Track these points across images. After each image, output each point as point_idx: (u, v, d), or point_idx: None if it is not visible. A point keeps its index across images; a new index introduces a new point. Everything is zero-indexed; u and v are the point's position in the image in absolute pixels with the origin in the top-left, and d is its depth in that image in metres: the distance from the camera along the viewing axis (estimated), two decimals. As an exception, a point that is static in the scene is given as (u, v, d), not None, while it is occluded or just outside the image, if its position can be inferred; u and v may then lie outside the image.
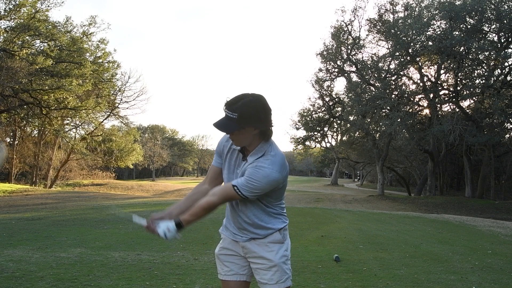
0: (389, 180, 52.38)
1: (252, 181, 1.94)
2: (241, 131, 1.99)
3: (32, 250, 5.44)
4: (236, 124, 1.96)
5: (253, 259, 2.11)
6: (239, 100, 1.96)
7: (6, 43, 20.96)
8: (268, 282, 2.06)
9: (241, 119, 1.96)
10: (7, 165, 29.36)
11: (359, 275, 4.64)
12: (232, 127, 1.98)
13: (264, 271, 2.07)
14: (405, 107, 26.51)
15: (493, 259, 5.83)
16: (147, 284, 3.99)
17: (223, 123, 1.99)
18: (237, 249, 2.17)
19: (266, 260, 2.07)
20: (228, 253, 2.21)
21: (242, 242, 2.12)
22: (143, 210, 11.37)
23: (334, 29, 30.06)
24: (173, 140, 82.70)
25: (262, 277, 2.08)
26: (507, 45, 23.92)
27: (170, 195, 27.69)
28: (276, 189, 2.02)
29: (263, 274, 2.08)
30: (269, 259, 2.07)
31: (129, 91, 38.71)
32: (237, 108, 1.95)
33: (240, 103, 1.95)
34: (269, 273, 2.06)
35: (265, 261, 2.07)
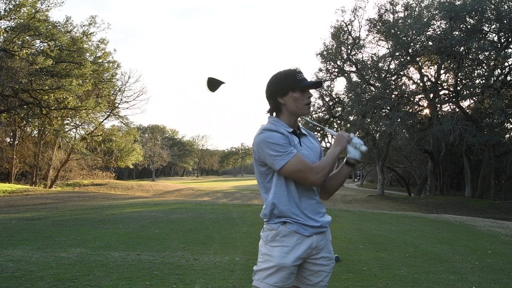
0: (389, 180, 52.39)
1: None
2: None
3: (32, 250, 5.44)
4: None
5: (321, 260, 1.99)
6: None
7: (6, 43, 20.94)
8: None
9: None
10: (7, 165, 29.37)
11: (359, 275, 4.64)
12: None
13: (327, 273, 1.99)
14: (405, 107, 26.51)
15: (493, 259, 5.83)
16: (147, 284, 3.99)
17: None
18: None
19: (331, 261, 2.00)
20: (298, 262, 1.94)
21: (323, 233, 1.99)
22: (143, 210, 11.37)
23: (334, 29, 30.07)
24: (173, 140, 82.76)
25: (324, 279, 1.98)
26: (507, 45, 23.92)
27: (170, 195, 27.68)
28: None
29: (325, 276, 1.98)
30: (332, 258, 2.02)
31: (129, 91, 38.82)
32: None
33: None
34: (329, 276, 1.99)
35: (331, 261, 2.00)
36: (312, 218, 1.94)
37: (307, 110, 1.95)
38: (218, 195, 29.93)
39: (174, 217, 9.72)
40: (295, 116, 1.98)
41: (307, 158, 1.93)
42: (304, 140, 2.02)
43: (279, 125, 1.97)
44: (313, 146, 2.02)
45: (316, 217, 1.95)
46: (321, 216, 1.98)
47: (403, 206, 23.03)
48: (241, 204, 15.17)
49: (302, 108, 1.95)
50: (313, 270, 1.96)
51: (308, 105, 1.95)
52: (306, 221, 1.93)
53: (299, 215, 1.93)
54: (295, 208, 1.93)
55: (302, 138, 2.01)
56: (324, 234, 1.99)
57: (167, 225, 8.27)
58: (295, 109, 1.95)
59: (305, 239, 1.93)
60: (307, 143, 2.02)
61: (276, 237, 1.94)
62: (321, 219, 1.97)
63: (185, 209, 11.65)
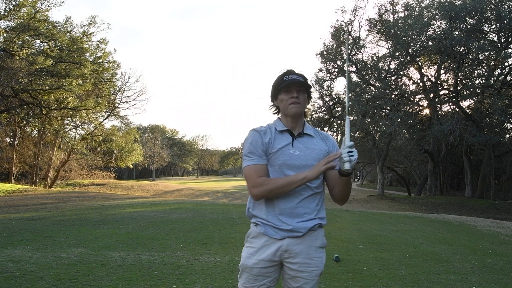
0: (389, 180, 52.38)
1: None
2: (305, 95, 1.99)
3: (32, 250, 5.44)
4: (307, 84, 1.99)
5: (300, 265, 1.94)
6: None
7: (6, 43, 20.94)
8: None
9: (307, 83, 1.99)
10: (7, 165, 29.37)
11: (359, 275, 4.65)
12: (307, 85, 1.98)
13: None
14: (405, 107, 26.51)
15: (493, 259, 5.83)
16: (147, 284, 3.99)
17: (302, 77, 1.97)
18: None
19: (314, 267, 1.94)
20: (266, 265, 1.93)
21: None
22: (143, 210, 11.37)
23: (334, 29, 30.08)
24: (173, 140, 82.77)
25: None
26: (507, 45, 23.92)
27: (170, 195, 27.68)
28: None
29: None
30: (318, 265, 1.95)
31: (129, 91, 38.83)
32: (301, 75, 1.98)
33: (296, 73, 1.99)
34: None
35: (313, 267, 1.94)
36: (285, 221, 1.89)
37: (291, 109, 1.95)
38: (218, 195, 29.95)
39: (174, 217, 9.72)
40: (288, 116, 1.98)
41: (295, 158, 1.92)
42: (303, 140, 1.98)
43: (273, 125, 2.01)
44: (313, 147, 1.97)
45: (291, 220, 1.89)
46: (301, 221, 1.90)
47: (403, 206, 23.02)
48: (241, 204, 15.18)
49: (287, 108, 1.96)
50: (290, 274, 1.93)
51: (292, 105, 1.94)
52: (278, 223, 1.90)
53: (272, 217, 1.91)
54: (269, 210, 1.92)
55: (300, 138, 1.98)
56: (301, 239, 1.91)
57: (167, 225, 8.27)
58: (283, 109, 1.99)
59: (274, 241, 1.90)
60: (306, 143, 1.97)
61: (248, 237, 2.00)
62: (297, 224, 1.89)
63: (185, 209, 11.65)
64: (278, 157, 1.93)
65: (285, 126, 1.99)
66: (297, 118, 1.99)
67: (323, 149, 1.98)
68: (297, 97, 1.94)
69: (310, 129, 2.03)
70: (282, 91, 1.96)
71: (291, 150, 1.94)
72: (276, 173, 1.93)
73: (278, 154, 1.94)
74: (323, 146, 2.00)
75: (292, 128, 1.99)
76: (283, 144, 1.95)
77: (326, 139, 2.04)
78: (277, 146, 1.94)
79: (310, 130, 2.02)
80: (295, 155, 1.93)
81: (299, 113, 1.96)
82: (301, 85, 1.96)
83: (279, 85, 1.96)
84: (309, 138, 2.00)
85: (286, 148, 1.94)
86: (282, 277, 1.98)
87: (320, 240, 1.97)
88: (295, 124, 1.99)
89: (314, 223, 1.93)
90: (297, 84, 1.94)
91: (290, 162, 1.92)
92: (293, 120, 1.98)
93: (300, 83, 1.94)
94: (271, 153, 1.94)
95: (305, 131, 2.00)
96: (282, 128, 1.99)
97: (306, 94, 1.99)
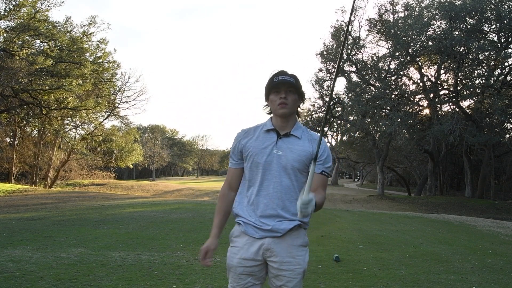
0: (389, 180, 52.40)
1: (328, 150, 1.99)
2: (295, 96, 1.99)
3: (32, 250, 5.44)
4: (297, 85, 1.99)
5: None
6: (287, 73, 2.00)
7: (6, 43, 20.95)
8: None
9: (298, 84, 1.99)
10: (7, 165, 29.37)
11: (359, 275, 4.65)
12: (297, 85, 1.98)
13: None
14: (405, 107, 26.51)
15: (493, 259, 5.83)
16: (147, 284, 3.99)
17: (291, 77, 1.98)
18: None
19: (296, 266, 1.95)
20: (250, 264, 1.96)
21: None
22: (143, 210, 11.37)
23: (334, 29, 30.09)
24: (173, 140, 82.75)
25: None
26: (507, 45, 23.92)
27: (170, 195, 27.69)
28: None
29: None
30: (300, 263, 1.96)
31: (129, 91, 38.73)
32: (292, 75, 1.98)
33: (290, 73, 2.00)
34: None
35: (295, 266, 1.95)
36: (264, 221, 1.92)
37: (279, 110, 1.95)
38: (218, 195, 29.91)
39: (174, 217, 9.72)
40: (278, 117, 1.99)
41: (276, 158, 1.94)
42: (288, 140, 1.97)
43: (263, 124, 2.04)
44: (296, 149, 1.96)
45: (271, 221, 1.92)
46: (280, 221, 1.92)
47: (403, 206, 23.02)
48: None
49: (276, 108, 1.97)
50: (273, 273, 1.95)
51: (280, 105, 1.95)
52: (258, 223, 1.93)
53: (252, 217, 1.95)
54: (250, 210, 1.96)
55: (286, 138, 1.97)
56: (281, 239, 1.92)
57: (167, 225, 8.27)
58: (273, 110, 2.01)
59: (255, 240, 1.93)
60: (290, 144, 1.97)
61: (231, 237, 2.04)
62: (276, 223, 1.91)
63: (185, 209, 11.65)
64: (258, 157, 1.95)
65: (273, 125, 2.00)
66: (287, 118, 1.98)
67: (306, 151, 1.96)
68: (286, 97, 1.94)
69: (299, 131, 2.01)
70: (272, 92, 1.97)
71: (274, 150, 1.95)
72: (256, 172, 1.96)
73: (260, 154, 1.96)
74: (308, 148, 1.97)
75: (281, 127, 1.99)
76: (266, 144, 1.97)
77: (313, 141, 2.00)
78: (258, 146, 1.97)
79: (298, 131, 2.00)
80: (276, 155, 1.94)
81: (286, 113, 1.96)
82: (291, 85, 1.95)
83: (269, 86, 1.98)
84: (294, 139, 1.98)
85: (269, 148, 1.96)
86: (268, 276, 2.00)
87: (301, 239, 1.97)
88: (285, 124, 1.99)
89: (294, 224, 1.93)
90: (286, 85, 1.94)
91: (270, 162, 1.94)
92: (282, 120, 1.99)
93: (289, 84, 1.94)
94: (248, 153, 1.98)
95: (292, 132, 1.99)
96: (269, 127, 2.00)
97: (296, 95, 1.98)
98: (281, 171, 1.92)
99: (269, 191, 1.93)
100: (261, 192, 1.95)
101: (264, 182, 1.94)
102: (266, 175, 1.94)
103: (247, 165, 2.00)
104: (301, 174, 1.96)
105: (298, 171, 1.94)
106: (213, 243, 2.02)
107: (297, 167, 1.93)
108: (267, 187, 1.94)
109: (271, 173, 1.93)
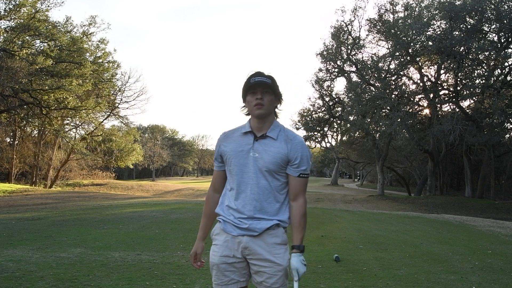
0: (389, 180, 52.39)
1: (305, 150, 2.01)
2: (272, 96, 2.00)
3: (32, 250, 5.44)
4: (274, 85, 1.99)
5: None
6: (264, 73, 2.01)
7: (6, 43, 20.95)
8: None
9: (274, 84, 1.99)
10: (7, 165, 29.37)
11: (359, 275, 4.64)
12: (274, 86, 1.99)
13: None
14: (405, 107, 26.50)
15: (493, 259, 5.83)
16: (147, 284, 3.99)
17: (267, 78, 1.99)
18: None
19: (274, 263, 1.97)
20: (231, 261, 2.00)
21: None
22: (143, 210, 11.38)
23: (334, 29, 30.05)
24: (173, 140, 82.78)
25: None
26: (507, 45, 23.91)
27: (170, 195, 27.69)
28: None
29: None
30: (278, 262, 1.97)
31: (129, 91, 38.85)
32: (269, 76, 1.99)
33: (266, 74, 2.01)
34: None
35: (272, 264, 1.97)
36: (242, 220, 1.97)
37: (255, 111, 1.96)
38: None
39: (174, 217, 9.72)
40: (254, 118, 2.00)
41: (252, 161, 1.97)
42: (264, 142, 1.98)
43: (241, 127, 2.06)
44: (271, 151, 1.96)
45: (248, 220, 1.96)
46: (258, 220, 1.96)
47: (403, 206, 23.01)
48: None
49: (252, 109, 1.98)
50: (254, 269, 1.99)
51: (256, 106, 1.95)
52: (236, 222, 1.98)
53: (231, 215, 2.00)
54: (230, 208, 2.01)
55: (262, 140, 1.98)
56: (258, 238, 1.95)
57: (167, 225, 8.27)
58: (250, 111, 2.01)
59: (234, 238, 1.98)
60: (266, 146, 1.98)
61: (212, 235, 2.09)
62: (254, 222, 1.95)
63: (185, 209, 11.65)
64: (235, 160, 1.99)
65: (251, 127, 2.02)
66: (263, 119, 1.99)
67: (281, 153, 1.97)
68: (262, 98, 1.95)
69: (275, 131, 2.01)
70: (249, 93, 1.98)
71: (251, 153, 1.98)
72: (234, 174, 2.00)
73: (236, 156, 1.99)
74: (283, 149, 1.97)
75: (258, 129, 2.01)
76: (243, 147, 1.99)
77: (289, 142, 2.00)
78: (236, 149, 2.00)
79: (274, 132, 2.00)
80: (253, 157, 1.97)
81: (263, 114, 1.97)
82: (267, 86, 1.96)
83: (246, 87, 1.99)
84: (270, 140, 1.99)
85: (245, 150, 1.99)
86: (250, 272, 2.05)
87: (280, 238, 1.99)
88: (261, 125, 2.00)
89: (271, 224, 1.96)
90: (262, 86, 1.95)
91: (247, 164, 1.97)
92: (259, 121, 2.00)
93: (265, 85, 1.95)
94: (226, 157, 2.03)
95: (268, 134, 1.99)
96: (246, 130, 2.02)
97: (273, 96, 1.99)
98: (258, 173, 1.96)
99: (247, 193, 1.97)
100: (239, 194, 1.99)
101: (242, 184, 1.98)
102: (244, 177, 1.98)
103: (227, 168, 2.05)
104: (277, 175, 1.99)
105: (274, 172, 1.97)
106: (199, 246, 2.13)
107: (272, 169, 1.96)
108: (245, 189, 1.97)
109: (248, 175, 1.97)
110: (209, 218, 2.14)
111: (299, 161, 1.97)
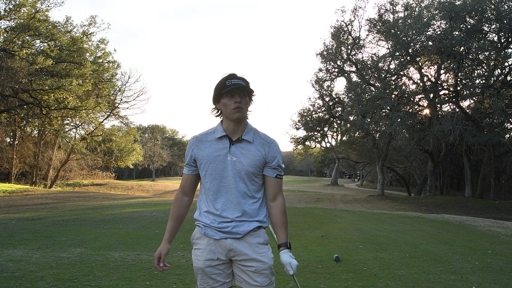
0: (389, 180, 52.38)
1: (280, 153, 2.04)
2: (247, 99, 2.00)
3: (32, 250, 5.44)
4: (249, 88, 1.99)
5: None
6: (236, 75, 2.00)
7: (6, 43, 20.95)
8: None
9: (249, 87, 1.99)
10: (7, 165, 29.36)
11: (359, 275, 4.64)
12: (249, 89, 1.98)
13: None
14: (405, 107, 26.47)
15: (493, 259, 5.83)
16: (147, 284, 3.99)
17: (243, 81, 1.98)
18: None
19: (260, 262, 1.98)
20: (215, 263, 2.01)
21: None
22: (143, 210, 11.38)
23: (334, 29, 30.04)
24: (173, 140, 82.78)
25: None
26: (507, 45, 23.90)
27: (170, 195, 27.68)
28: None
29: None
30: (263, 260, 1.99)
31: (129, 91, 38.85)
32: (244, 79, 1.98)
33: (240, 76, 2.00)
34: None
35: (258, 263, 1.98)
36: (224, 224, 1.97)
37: (234, 114, 1.95)
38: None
39: (174, 217, 9.70)
40: (231, 121, 1.99)
41: (231, 164, 1.97)
42: (241, 145, 1.99)
43: (213, 130, 2.04)
44: (250, 154, 1.98)
45: (229, 223, 1.97)
46: (240, 222, 1.97)
47: (403, 206, 23.00)
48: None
49: (231, 112, 1.96)
50: (239, 268, 2.00)
51: (235, 109, 1.95)
52: (217, 225, 1.98)
53: (214, 219, 2.00)
54: (210, 212, 2.02)
55: (239, 144, 1.99)
56: (241, 240, 1.97)
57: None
58: (226, 114, 1.99)
59: (216, 241, 1.99)
60: (243, 149, 1.99)
61: (193, 239, 2.11)
62: (236, 225, 1.97)
63: (185, 209, 11.62)
64: (212, 165, 1.98)
65: (225, 131, 2.00)
66: (239, 122, 2.00)
67: (259, 155, 1.99)
68: (240, 101, 1.95)
69: (250, 134, 2.02)
70: (225, 95, 1.97)
71: (228, 157, 1.98)
72: (212, 179, 1.99)
73: (214, 161, 1.98)
74: (260, 152, 2.00)
75: (232, 132, 2.00)
76: (219, 151, 1.99)
77: (266, 145, 2.02)
78: (212, 154, 1.99)
79: (250, 135, 2.01)
80: (231, 161, 1.97)
81: (241, 117, 1.98)
82: (244, 89, 1.96)
83: (222, 89, 1.96)
84: (246, 143, 2.00)
85: (223, 155, 1.98)
86: (234, 272, 2.05)
87: (262, 238, 2.01)
88: (237, 127, 2.00)
89: (253, 226, 1.99)
90: (240, 89, 1.95)
91: (225, 168, 1.97)
92: (235, 124, 2.00)
93: (243, 88, 1.95)
94: (202, 162, 2.00)
95: (244, 137, 2.00)
96: (221, 134, 2.00)
97: (247, 98, 2.00)
98: (236, 177, 1.97)
99: (228, 197, 1.98)
100: (219, 198, 1.99)
101: (222, 188, 1.98)
102: (223, 182, 1.98)
103: (203, 173, 2.03)
104: (255, 178, 2.00)
105: (252, 175, 1.99)
106: (164, 248, 2.09)
107: (252, 171, 1.98)
108: (225, 193, 1.98)
109: (227, 179, 1.97)
110: (177, 220, 2.14)
111: (276, 163, 2.01)
